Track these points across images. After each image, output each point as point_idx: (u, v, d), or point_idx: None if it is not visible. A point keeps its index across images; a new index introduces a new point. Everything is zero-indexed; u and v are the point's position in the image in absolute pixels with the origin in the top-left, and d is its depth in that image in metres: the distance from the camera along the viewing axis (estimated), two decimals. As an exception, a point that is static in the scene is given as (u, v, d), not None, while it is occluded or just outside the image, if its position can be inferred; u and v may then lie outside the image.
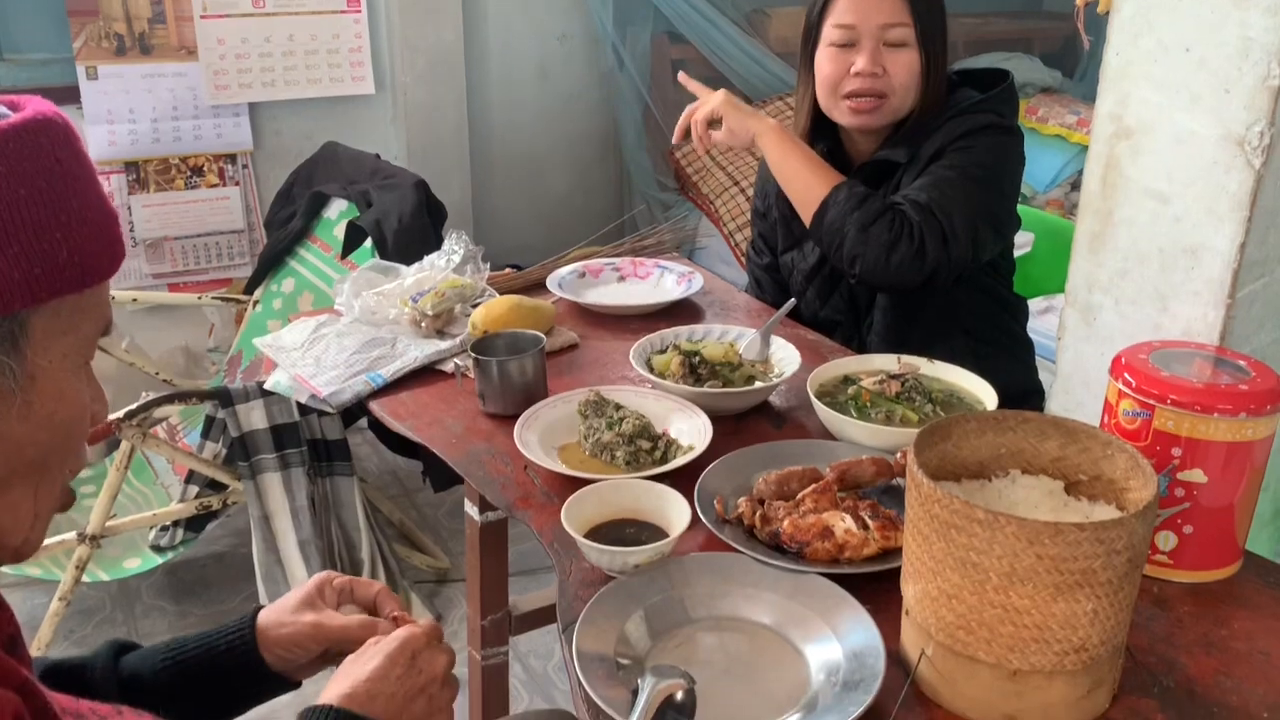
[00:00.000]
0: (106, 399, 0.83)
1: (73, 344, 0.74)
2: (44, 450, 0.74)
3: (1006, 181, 1.69)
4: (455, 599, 2.62)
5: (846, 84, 1.70)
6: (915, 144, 1.71)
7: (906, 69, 1.69)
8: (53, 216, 0.70)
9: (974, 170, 1.63)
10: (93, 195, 0.75)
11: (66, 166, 0.72)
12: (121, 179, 3.13)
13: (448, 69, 3.44)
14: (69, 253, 0.71)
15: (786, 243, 1.91)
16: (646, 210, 3.79)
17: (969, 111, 1.69)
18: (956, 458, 1.04)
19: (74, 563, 2.24)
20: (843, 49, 1.70)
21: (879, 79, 1.68)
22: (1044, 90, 3.95)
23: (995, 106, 1.71)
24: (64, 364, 0.74)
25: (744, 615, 1.07)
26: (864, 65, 1.68)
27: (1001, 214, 1.68)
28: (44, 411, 0.73)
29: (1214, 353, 1.14)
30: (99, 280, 0.75)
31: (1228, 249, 1.16)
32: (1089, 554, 0.85)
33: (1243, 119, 1.12)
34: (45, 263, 0.70)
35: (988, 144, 1.66)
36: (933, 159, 1.67)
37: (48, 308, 0.71)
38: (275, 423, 2.29)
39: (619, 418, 1.39)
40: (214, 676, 1.00)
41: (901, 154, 1.72)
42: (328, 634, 1.00)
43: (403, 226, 2.47)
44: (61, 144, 0.73)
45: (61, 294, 0.71)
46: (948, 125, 1.69)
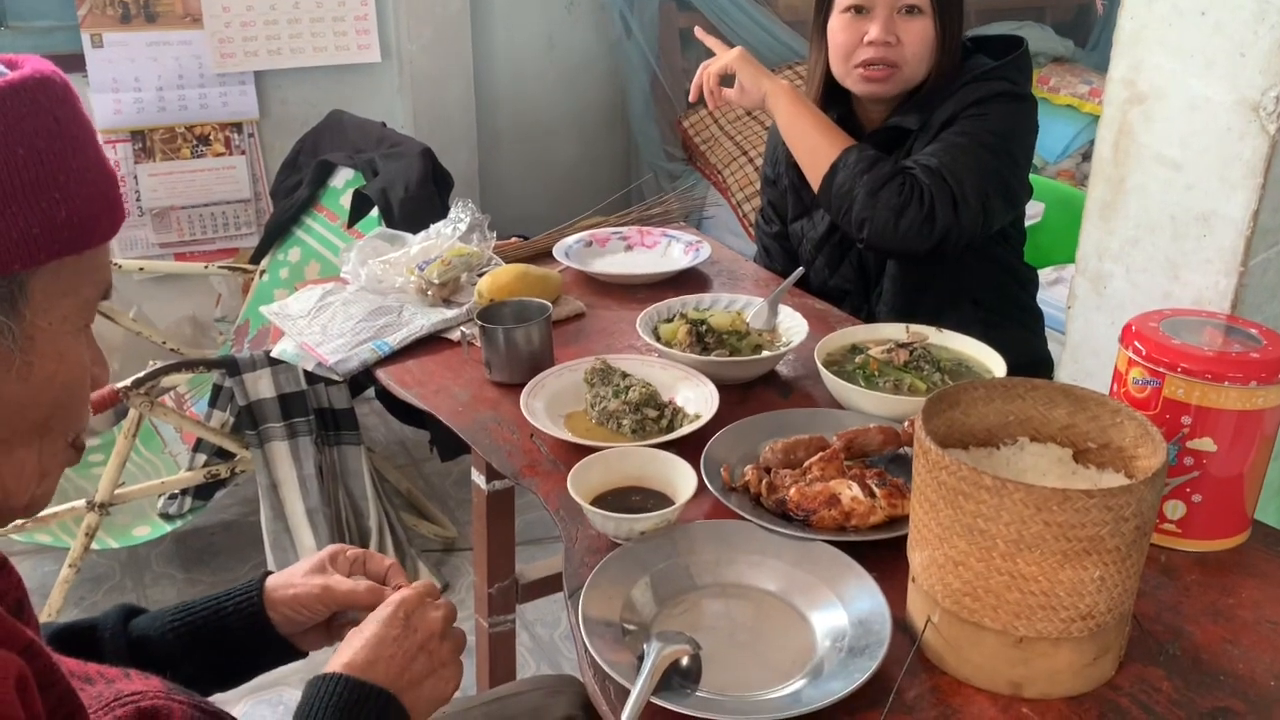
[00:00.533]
0: (107, 362, 0.83)
1: (72, 306, 0.74)
2: (45, 411, 0.74)
3: (1019, 149, 1.67)
4: (462, 567, 2.63)
5: (860, 53, 1.68)
6: (927, 111, 1.69)
7: (920, 38, 1.67)
8: (51, 176, 0.70)
9: (986, 137, 1.61)
10: (92, 155, 0.74)
11: (65, 126, 0.71)
12: (127, 148, 3.12)
13: (454, 37, 3.41)
14: (68, 213, 0.70)
15: (796, 211, 1.90)
16: (654, 180, 3.77)
17: (982, 79, 1.67)
18: (965, 425, 1.03)
19: (83, 530, 2.26)
20: (856, 16, 1.68)
21: (892, 48, 1.66)
22: (1056, 60, 3.90)
23: (1008, 73, 1.69)
24: (64, 326, 0.74)
25: (750, 582, 1.07)
26: (877, 34, 1.66)
27: (1013, 181, 1.66)
28: (44, 373, 0.73)
29: (1225, 321, 1.13)
30: (99, 241, 0.74)
31: (1240, 216, 1.15)
32: (1097, 521, 0.85)
33: (1258, 84, 1.10)
34: (44, 223, 0.69)
35: (1001, 111, 1.64)
36: (945, 125, 1.65)
37: (47, 269, 0.71)
38: (283, 391, 2.29)
39: (625, 386, 1.39)
40: (221, 638, 1.00)
41: (913, 120, 1.70)
42: (335, 597, 1.01)
43: (409, 195, 2.46)
44: (60, 102, 0.72)
45: (60, 255, 0.71)
46: (961, 92, 1.66)
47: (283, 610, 1.01)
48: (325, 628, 1.04)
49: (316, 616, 1.02)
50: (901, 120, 1.71)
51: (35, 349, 0.72)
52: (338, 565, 1.04)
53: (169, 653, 0.99)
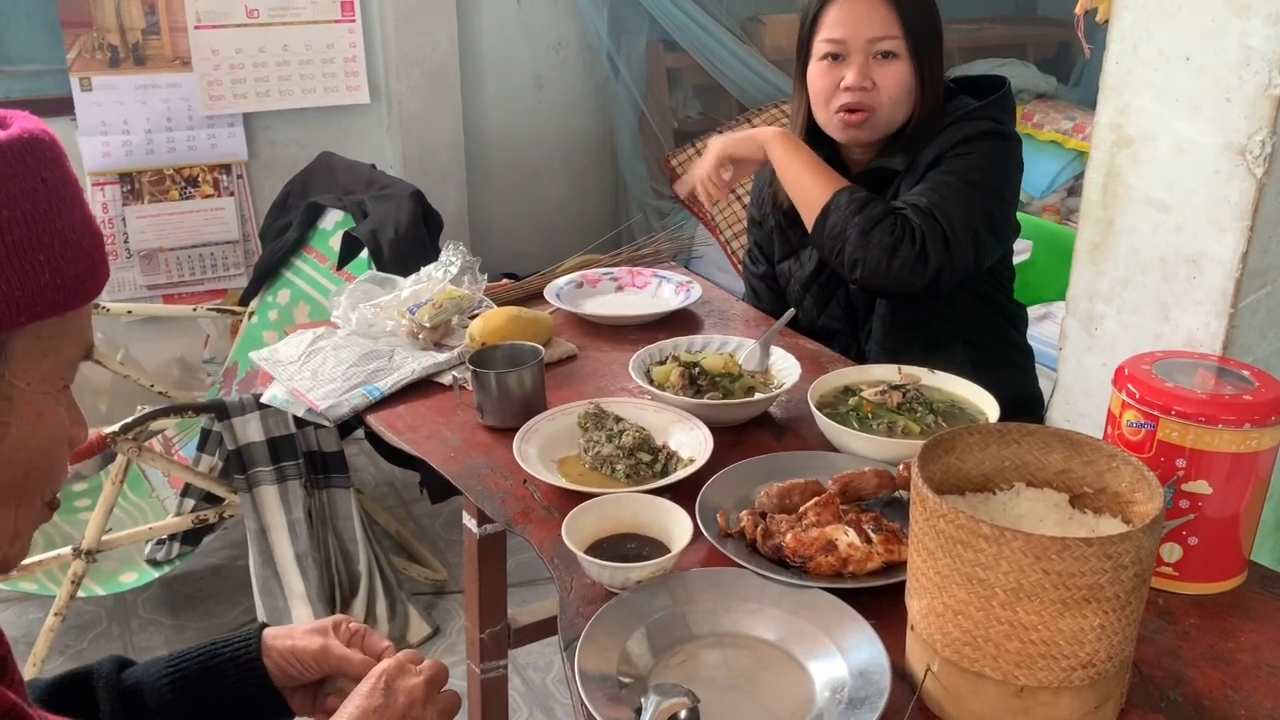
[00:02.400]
0: (86, 424, 0.82)
1: (52, 367, 0.73)
2: (20, 472, 0.73)
3: (1006, 186, 1.69)
4: (453, 611, 2.60)
5: (837, 98, 1.70)
6: (912, 152, 1.71)
7: (896, 81, 1.68)
8: (36, 239, 0.69)
9: (973, 175, 1.62)
10: (78, 215, 0.73)
11: (53, 187, 0.71)
12: (115, 190, 3.12)
13: (443, 78, 3.43)
14: (51, 275, 0.69)
15: (783, 251, 1.91)
16: (643, 219, 3.79)
17: (966, 118, 1.69)
18: (961, 471, 1.03)
19: (69, 577, 2.23)
20: (833, 63, 1.70)
21: (868, 93, 1.68)
22: (1039, 96, 3.95)
23: (992, 113, 1.71)
24: (43, 386, 0.73)
25: (747, 631, 1.06)
26: (852, 79, 1.67)
27: (1001, 219, 1.68)
28: (21, 434, 0.72)
29: (1217, 363, 1.14)
30: (82, 303, 0.73)
31: (1230, 258, 1.15)
32: (1096, 569, 0.84)
33: (1244, 128, 1.12)
34: (27, 286, 0.68)
35: (986, 150, 1.66)
36: (931, 165, 1.66)
37: (28, 330, 0.70)
38: (271, 435, 2.28)
39: (619, 430, 1.38)
40: (216, 686, 0.99)
41: (899, 161, 1.71)
42: (330, 658, 1.00)
43: (399, 237, 2.46)
44: (49, 163, 0.71)
45: (42, 317, 0.70)
46: (946, 132, 1.68)
47: (278, 661, 1.00)
48: (312, 694, 1.03)
49: (308, 674, 1.00)
50: (887, 162, 1.73)
51: (13, 410, 0.71)
52: (339, 634, 1.02)
53: (162, 702, 0.98)
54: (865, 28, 1.67)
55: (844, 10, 1.68)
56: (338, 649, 1.00)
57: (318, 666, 1.00)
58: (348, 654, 1.00)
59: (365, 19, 3.29)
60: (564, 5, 3.67)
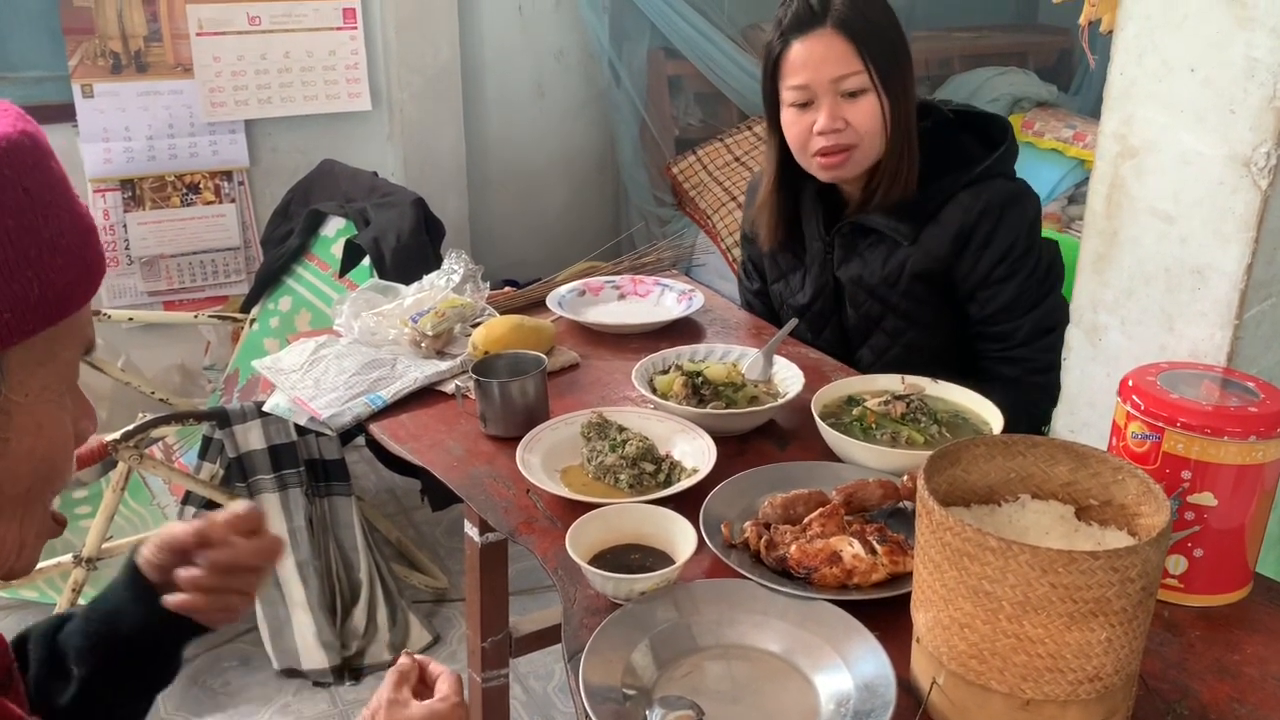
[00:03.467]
0: (95, 413, 0.80)
1: (51, 373, 0.71)
2: (23, 485, 0.72)
3: (1057, 263, 1.72)
4: (454, 619, 2.60)
5: (813, 142, 1.68)
6: (918, 220, 1.69)
7: (868, 116, 1.65)
8: (22, 255, 0.66)
9: (1047, 290, 1.68)
10: (65, 218, 0.70)
11: (37, 195, 0.67)
12: (117, 197, 3.12)
13: (445, 85, 3.43)
14: (41, 290, 0.67)
15: (774, 274, 1.91)
16: (644, 227, 3.79)
17: (982, 179, 1.67)
18: (966, 483, 1.03)
19: (70, 585, 2.22)
20: (802, 109, 1.68)
21: (842, 132, 1.65)
22: (1039, 104, 3.95)
23: (1008, 168, 1.72)
24: (42, 395, 0.71)
25: (752, 643, 1.06)
26: (824, 123, 1.65)
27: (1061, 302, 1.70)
28: (23, 447, 0.70)
29: (1222, 374, 1.14)
30: (76, 308, 0.71)
31: (1234, 270, 1.15)
32: (1103, 582, 0.84)
33: (1248, 139, 1.11)
34: (16, 306, 0.66)
35: (1035, 242, 1.67)
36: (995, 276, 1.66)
37: (22, 344, 0.68)
38: (273, 443, 2.28)
39: (622, 440, 1.38)
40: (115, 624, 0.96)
41: (905, 232, 1.69)
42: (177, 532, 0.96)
43: (401, 245, 2.46)
44: (30, 169, 0.68)
45: (34, 333, 0.68)
46: (964, 198, 1.66)
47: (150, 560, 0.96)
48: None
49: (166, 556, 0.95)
50: (890, 226, 1.70)
51: (12, 425, 0.70)
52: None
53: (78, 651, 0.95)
54: (827, 68, 1.63)
55: (802, 53, 1.65)
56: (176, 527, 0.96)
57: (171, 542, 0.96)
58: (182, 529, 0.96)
59: (367, 26, 3.29)
60: (565, 13, 3.67)
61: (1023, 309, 1.68)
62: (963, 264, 1.68)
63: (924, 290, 1.71)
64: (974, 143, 1.73)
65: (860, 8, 1.64)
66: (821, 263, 1.80)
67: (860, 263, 1.75)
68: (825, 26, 1.64)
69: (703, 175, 3.65)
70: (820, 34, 1.64)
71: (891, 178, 1.69)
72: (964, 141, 1.73)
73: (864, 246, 1.75)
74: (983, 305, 1.70)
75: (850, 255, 1.76)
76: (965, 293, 1.70)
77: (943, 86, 3.99)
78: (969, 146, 1.72)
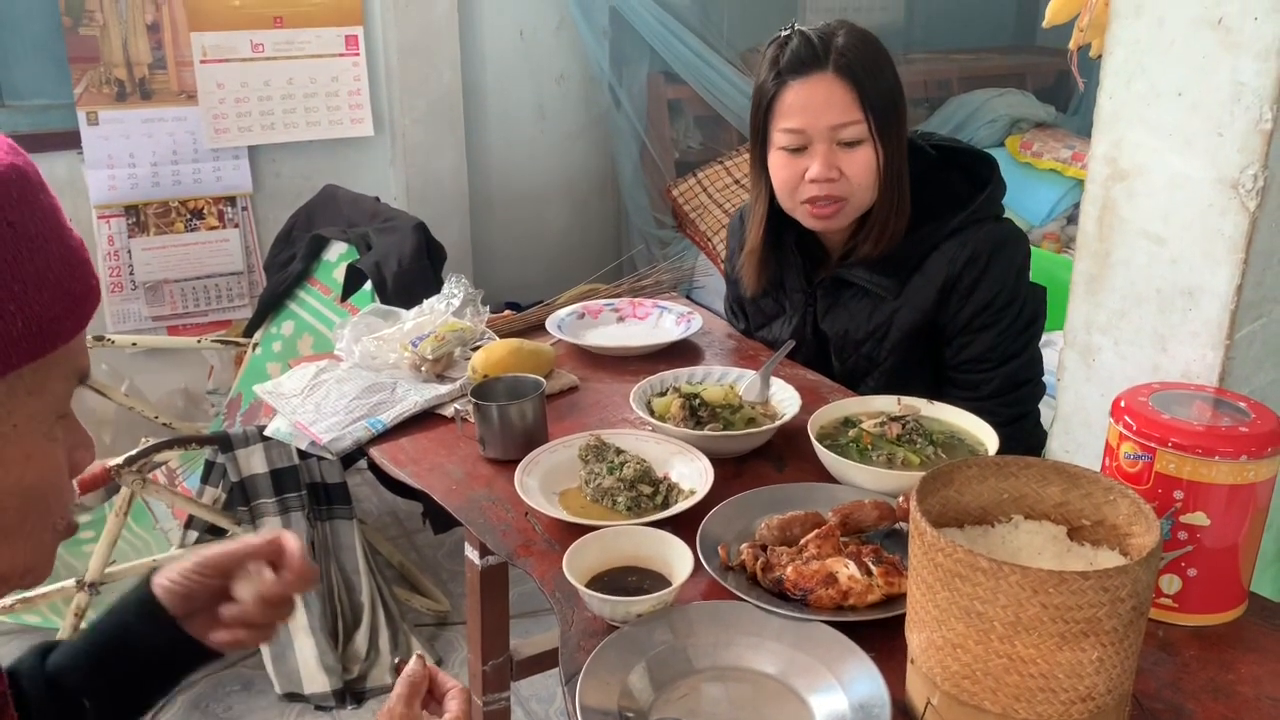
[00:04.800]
0: (92, 442, 0.80)
1: (40, 404, 0.71)
2: (15, 515, 0.71)
3: (1042, 312, 1.71)
4: (456, 642, 2.60)
5: (803, 189, 1.62)
6: (902, 274, 1.65)
7: (864, 167, 1.60)
8: (4, 289, 0.65)
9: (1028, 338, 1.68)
10: (54, 251, 0.69)
11: (22, 229, 0.67)
12: (121, 223, 3.15)
13: (446, 110, 3.47)
14: (25, 323, 0.66)
15: (758, 321, 1.89)
16: (645, 249, 3.81)
17: (968, 225, 1.63)
18: (959, 504, 1.04)
19: (72, 610, 2.23)
20: (794, 153, 1.61)
21: (836, 183, 1.60)
22: (1038, 125, 3.97)
23: (991, 209, 1.67)
24: (30, 425, 0.70)
25: (748, 665, 1.06)
26: (818, 172, 1.59)
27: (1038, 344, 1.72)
28: (10, 477, 0.70)
29: (1214, 394, 1.15)
30: (64, 342, 0.70)
31: (1225, 290, 1.16)
32: (1093, 603, 0.85)
33: (1236, 162, 1.13)
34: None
35: (1013, 286, 1.63)
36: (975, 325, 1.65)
37: (10, 376, 0.68)
38: (275, 467, 2.29)
39: (620, 462, 1.39)
40: (126, 646, 0.96)
41: (890, 286, 1.65)
42: (209, 564, 0.96)
43: (402, 269, 2.48)
44: (15, 203, 0.67)
45: (18, 366, 0.67)
46: (949, 250, 1.62)
47: (169, 588, 0.96)
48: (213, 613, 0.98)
49: (197, 591, 0.96)
50: (874, 283, 1.66)
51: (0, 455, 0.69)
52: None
53: (84, 679, 0.94)
54: (825, 114, 1.57)
55: (801, 96, 1.58)
56: (213, 549, 0.96)
57: (199, 572, 0.96)
58: (226, 547, 0.96)
59: (369, 52, 3.33)
60: (566, 38, 3.71)
61: (995, 361, 1.65)
62: (947, 311, 1.65)
63: (912, 344, 1.68)
64: (960, 180, 1.68)
65: (863, 53, 1.58)
66: (803, 314, 1.78)
67: (846, 314, 1.72)
68: (826, 70, 1.57)
69: (703, 197, 3.67)
70: (821, 77, 1.58)
71: (879, 232, 1.65)
72: (950, 180, 1.68)
73: (847, 298, 1.72)
74: (956, 351, 1.67)
75: (834, 307, 1.73)
76: (946, 337, 1.68)
77: (941, 108, 4.02)
78: (954, 185, 1.68)
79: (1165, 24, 1.17)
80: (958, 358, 1.68)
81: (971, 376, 1.67)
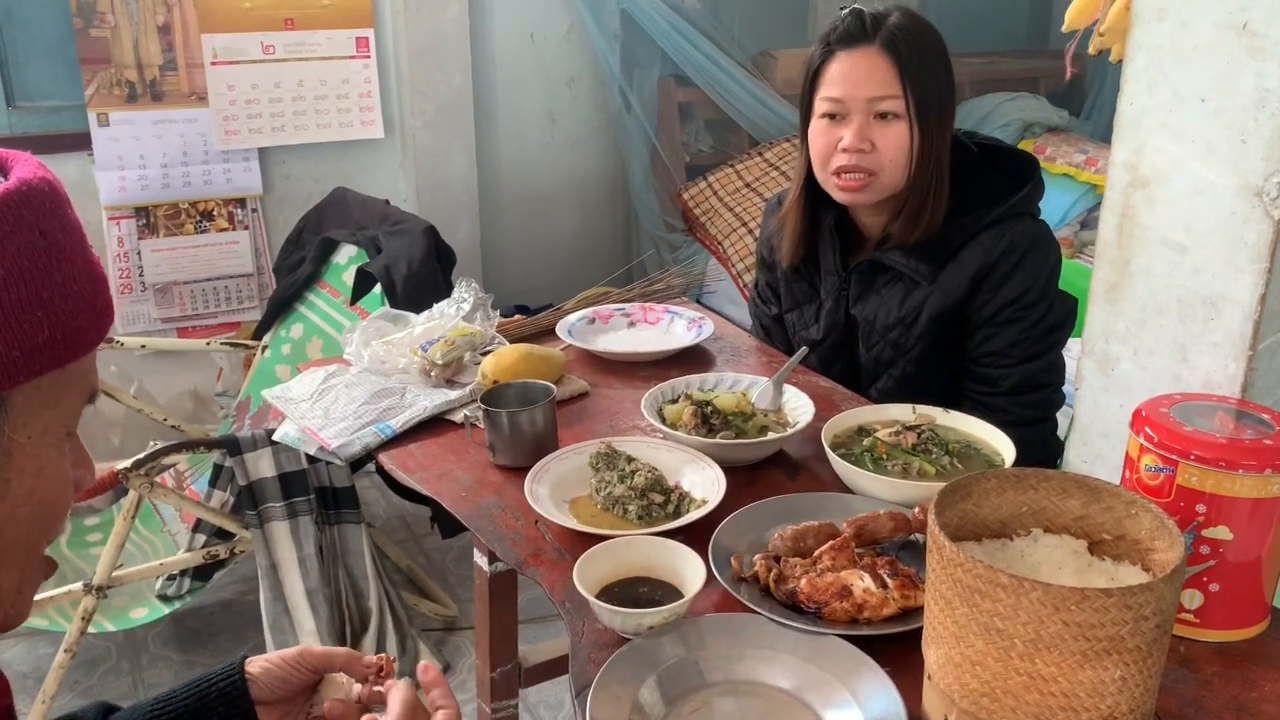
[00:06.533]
0: (93, 464, 0.81)
1: (53, 417, 0.72)
2: (23, 528, 0.72)
3: (1067, 322, 1.70)
4: (464, 647, 2.58)
5: (835, 159, 1.64)
6: (939, 258, 1.65)
7: (897, 144, 1.61)
8: (34, 295, 0.67)
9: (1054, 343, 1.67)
10: (79, 265, 0.72)
11: (52, 239, 0.69)
12: (131, 224, 3.14)
13: (457, 113, 3.46)
14: (50, 330, 0.68)
15: (789, 302, 1.89)
16: (655, 253, 3.80)
17: (1006, 218, 1.63)
18: (977, 517, 1.02)
19: (80, 613, 2.22)
20: (832, 121, 1.64)
21: (867, 155, 1.61)
22: (1051, 129, 3.95)
23: (1029, 206, 1.68)
24: (44, 438, 0.72)
25: (761, 679, 1.05)
26: (850, 140, 1.61)
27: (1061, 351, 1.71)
28: (23, 489, 0.71)
29: (1236, 406, 1.13)
30: (84, 353, 0.72)
31: (1248, 300, 1.14)
32: (1116, 620, 0.83)
33: (1260, 169, 1.11)
34: (25, 344, 0.67)
35: (1043, 285, 1.63)
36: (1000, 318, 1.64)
37: (28, 385, 0.69)
38: (283, 470, 2.28)
39: (631, 470, 1.37)
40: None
41: (927, 272, 1.65)
42: (312, 658, 0.97)
43: (412, 272, 2.47)
44: (47, 214, 0.69)
45: (41, 373, 0.69)
46: (985, 239, 1.62)
47: (260, 680, 0.97)
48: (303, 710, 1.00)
49: (292, 680, 0.97)
50: (910, 266, 1.66)
51: (13, 465, 0.70)
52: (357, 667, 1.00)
53: None
54: (865, 86, 1.60)
55: (844, 66, 1.62)
56: (316, 649, 0.97)
57: (299, 673, 0.97)
58: (328, 650, 0.97)
59: (380, 55, 3.32)
60: (576, 41, 3.70)
61: (1016, 358, 1.64)
62: (977, 300, 1.65)
63: (939, 332, 1.68)
64: (1001, 179, 1.69)
65: (912, 34, 1.62)
66: (836, 298, 1.78)
67: (877, 300, 1.72)
68: (872, 44, 1.61)
69: (713, 201, 3.66)
70: (865, 50, 1.61)
71: (914, 217, 1.65)
72: (990, 178, 1.69)
73: (881, 284, 1.72)
74: (979, 343, 1.67)
75: (867, 293, 1.73)
76: (971, 328, 1.68)
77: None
78: (995, 182, 1.68)
79: (1188, 28, 1.15)
80: (979, 349, 1.67)
81: (990, 371, 1.67)
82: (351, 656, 0.99)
